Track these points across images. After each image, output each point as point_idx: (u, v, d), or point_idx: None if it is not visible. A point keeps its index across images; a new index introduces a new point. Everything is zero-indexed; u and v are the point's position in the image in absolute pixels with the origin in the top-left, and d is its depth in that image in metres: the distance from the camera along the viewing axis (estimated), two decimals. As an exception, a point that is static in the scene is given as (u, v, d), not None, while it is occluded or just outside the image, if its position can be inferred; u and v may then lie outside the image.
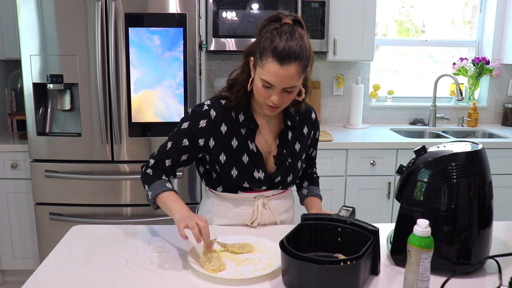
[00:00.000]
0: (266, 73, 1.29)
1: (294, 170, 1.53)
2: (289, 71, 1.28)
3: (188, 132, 1.43)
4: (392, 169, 2.84)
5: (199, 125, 1.43)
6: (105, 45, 2.41)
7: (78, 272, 1.23)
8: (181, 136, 1.44)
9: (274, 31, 1.31)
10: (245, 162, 1.45)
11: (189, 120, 1.45)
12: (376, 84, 3.44)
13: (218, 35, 2.84)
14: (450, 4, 3.61)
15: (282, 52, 1.26)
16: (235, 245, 1.34)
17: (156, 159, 1.46)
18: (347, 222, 1.27)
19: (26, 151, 2.60)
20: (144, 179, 1.46)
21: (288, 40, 1.27)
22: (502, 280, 1.19)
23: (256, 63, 1.34)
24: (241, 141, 1.45)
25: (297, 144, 1.53)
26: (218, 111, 1.44)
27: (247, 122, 1.45)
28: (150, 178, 1.44)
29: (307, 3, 2.85)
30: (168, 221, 2.59)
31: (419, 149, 1.31)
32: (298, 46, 1.28)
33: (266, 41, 1.30)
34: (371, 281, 1.19)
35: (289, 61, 1.27)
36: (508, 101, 3.54)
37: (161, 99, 2.48)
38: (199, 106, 1.46)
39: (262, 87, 1.32)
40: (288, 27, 1.31)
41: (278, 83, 1.30)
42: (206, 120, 1.43)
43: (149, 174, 1.44)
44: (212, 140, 1.44)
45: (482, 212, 1.23)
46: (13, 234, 2.78)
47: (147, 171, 1.45)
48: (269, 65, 1.28)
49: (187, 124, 1.44)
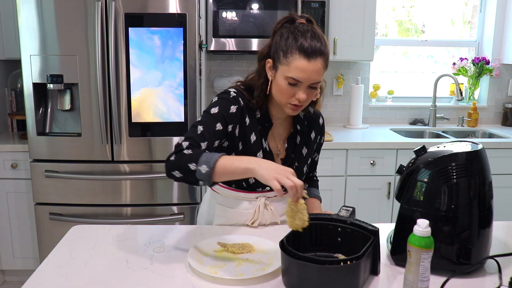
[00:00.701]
0: (294, 69, 1.31)
1: (299, 174, 1.53)
2: (316, 66, 1.31)
3: (221, 117, 1.37)
4: (392, 169, 2.84)
5: (229, 110, 1.39)
6: (105, 45, 2.41)
7: (78, 272, 1.22)
8: (213, 121, 1.36)
9: (295, 30, 1.34)
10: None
11: (218, 105, 1.39)
12: (376, 84, 3.44)
13: (218, 35, 2.84)
14: (450, 4, 3.61)
15: (308, 48, 1.30)
16: (235, 245, 1.34)
17: (190, 141, 1.31)
18: (347, 222, 1.27)
19: (26, 151, 2.60)
20: (183, 160, 1.25)
21: (312, 37, 1.32)
22: (502, 280, 1.19)
23: (278, 62, 1.35)
24: (258, 137, 1.46)
25: (304, 149, 1.54)
26: (244, 101, 1.43)
27: (263, 119, 1.46)
28: (193, 155, 1.25)
29: (307, 3, 2.85)
30: (168, 221, 2.61)
31: (419, 149, 1.31)
32: (322, 42, 1.33)
33: (288, 40, 1.33)
34: (371, 281, 1.19)
35: (315, 56, 1.30)
36: (508, 101, 3.54)
37: (161, 99, 2.48)
38: (226, 93, 1.43)
39: (288, 86, 1.33)
40: (306, 26, 1.35)
41: (306, 79, 1.32)
42: (236, 107, 1.40)
43: (189, 153, 1.26)
44: (238, 128, 1.43)
45: (482, 212, 1.23)
46: (13, 234, 2.78)
47: (185, 152, 1.27)
48: (296, 61, 1.30)
49: (217, 109, 1.38)
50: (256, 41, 2.86)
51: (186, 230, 1.53)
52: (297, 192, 1.15)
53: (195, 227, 1.62)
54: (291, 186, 1.13)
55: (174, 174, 1.28)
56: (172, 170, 1.28)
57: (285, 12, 2.84)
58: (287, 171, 1.17)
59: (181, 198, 2.60)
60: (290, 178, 1.14)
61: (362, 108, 3.33)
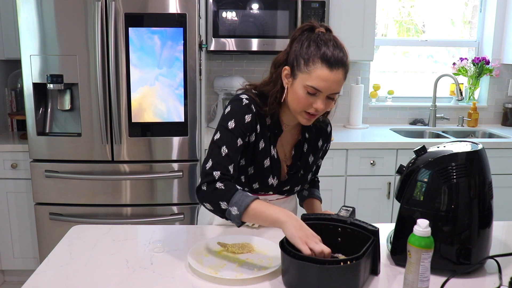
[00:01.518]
0: (315, 78, 1.29)
1: (303, 181, 1.55)
2: (337, 77, 1.29)
3: (239, 131, 1.36)
4: (392, 169, 2.84)
5: (245, 121, 1.37)
6: (105, 45, 2.42)
7: (78, 272, 1.22)
8: (234, 137, 1.35)
9: (317, 38, 1.31)
10: (265, 166, 1.44)
11: (234, 117, 1.37)
12: (376, 84, 3.44)
13: (218, 35, 2.84)
14: (450, 4, 3.61)
15: (331, 57, 1.28)
16: (235, 245, 1.34)
17: (220, 170, 1.30)
18: (347, 222, 1.27)
19: (26, 151, 2.60)
20: (215, 196, 1.27)
21: (335, 47, 1.30)
22: (502, 280, 1.19)
23: (297, 70, 1.32)
24: (267, 144, 1.44)
25: (311, 157, 1.54)
26: (256, 108, 1.41)
27: (273, 126, 1.44)
28: (226, 193, 1.26)
29: (307, 3, 2.85)
30: (168, 221, 2.61)
31: (419, 149, 1.31)
32: (343, 53, 1.31)
33: (310, 48, 1.30)
34: (371, 281, 1.19)
35: (338, 66, 1.29)
36: (508, 101, 3.54)
37: (161, 99, 2.48)
38: (238, 101, 1.39)
39: (306, 95, 1.31)
40: (328, 35, 1.33)
41: (327, 89, 1.30)
42: (251, 115, 1.38)
43: (222, 189, 1.27)
44: (254, 135, 1.41)
45: (482, 212, 1.23)
46: (13, 234, 2.78)
47: (217, 186, 1.27)
48: (318, 70, 1.28)
49: (233, 123, 1.36)
50: (256, 41, 2.86)
51: (186, 230, 1.53)
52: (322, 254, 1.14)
53: (195, 227, 1.63)
54: (319, 252, 1.13)
55: (206, 206, 1.31)
56: (204, 202, 1.31)
57: (285, 12, 2.84)
58: (316, 237, 1.17)
59: (181, 198, 2.60)
60: (319, 245, 1.14)
61: (362, 108, 3.33)
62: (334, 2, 2.92)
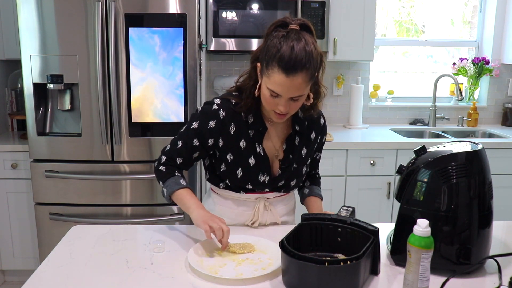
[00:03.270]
0: (272, 83, 1.27)
1: (298, 175, 1.54)
2: (296, 82, 1.25)
3: (198, 132, 1.44)
4: (392, 169, 2.84)
5: (208, 126, 1.42)
6: (105, 45, 2.41)
7: (78, 272, 1.23)
8: (191, 136, 1.45)
9: (281, 38, 1.26)
10: (251, 165, 1.45)
11: (198, 120, 1.44)
12: (376, 84, 3.44)
13: (218, 35, 2.84)
14: (450, 4, 3.61)
15: (288, 62, 1.23)
16: (236, 245, 1.34)
17: (167, 156, 1.50)
18: (347, 222, 1.27)
19: (26, 151, 2.60)
20: (157, 175, 1.51)
21: (294, 49, 1.23)
22: (502, 280, 1.19)
23: (262, 71, 1.32)
24: (249, 143, 1.44)
25: (304, 150, 1.52)
26: (228, 111, 1.42)
27: (255, 124, 1.44)
28: (164, 175, 1.48)
29: (307, 3, 2.85)
30: (168, 221, 2.61)
31: (419, 149, 1.31)
32: (305, 55, 1.24)
33: (272, 49, 1.26)
34: (371, 281, 1.19)
35: (295, 71, 1.24)
36: (508, 101, 3.54)
37: (161, 99, 2.48)
38: (209, 105, 1.45)
39: (270, 96, 1.31)
40: (294, 34, 1.26)
41: (285, 93, 1.28)
42: (215, 121, 1.42)
43: (162, 171, 1.49)
44: (221, 140, 1.44)
45: (482, 212, 1.23)
46: (13, 234, 2.78)
47: (160, 168, 1.50)
48: (275, 75, 1.26)
49: (196, 124, 1.44)
50: (256, 41, 2.86)
51: (186, 230, 1.53)
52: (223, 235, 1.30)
53: (195, 227, 1.62)
54: (217, 229, 1.30)
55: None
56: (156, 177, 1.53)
57: (285, 12, 2.84)
58: (218, 220, 1.33)
59: (181, 198, 2.59)
60: (221, 226, 1.30)
61: (362, 108, 3.33)
62: (334, 2, 2.92)
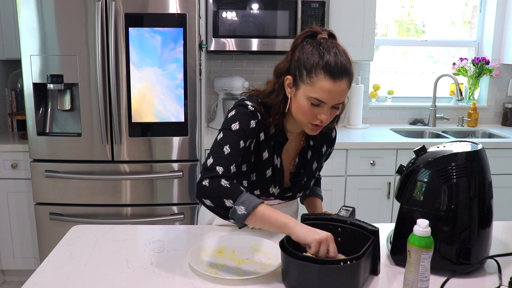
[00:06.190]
0: (318, 90, 1.23)
1: (306, 188, 1.54)
2: (341, 87, 1.24)
3: (242, 133, 1.32)
4: (392, 169, 2.84)
5: (250, 125, 1.33)
6: (105, 45, 2.41)
7: (78, 272, 1.23)
8: (236, 138, 1.31)
9: (319, 46, 1.25)
10: (267, 176, 1.42)
11: (238, 120, 1.32)
12: (376, 84, 3.44)
13: (218, 35, 2.84)
14: (450, 4, 3.61)
15: (335, 67, 1.22)
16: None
17: (224, 167, 1.25)
18: (347, 222, 1.27)
19: (26, 151, 2.60)
20: (219, 193, 1.21)
21: (338, 55, 1.24)
22: (502, 280, 1.20)
23: (300, 81, 1.27)
24: (270, 154, 1.41)
25: (314, 164, 1.51)
26: (260, 116, 1.36)
27: (277, 135, 1.40)
28: (232, 191, 1.21)
29: (307, 3, 2.85)
30: (168, 221, 2.61)
31: (419, 149, 1.31)
32: (347, 61, 1.25)
33: (312, 57, 1.24)
34: (371, 281, 1.19)
35: (341, 76, 1.23)
36: (508, 101, 3.54)
37: (161, 99, 2.48)
38: (244, 107, 1.35)
39: (310, 106, 1.26)
40: (330, 42, 1.26)
41: (331, 100, 1.25)
42: (256, 121, 1.34)
43: (227, 187, 1.21)
44: (255, 142, 1.37)
45: (482, 212, 1.23)
46: (13, 234, 2.78)
47: (222, 183, 1.22)
48: (321, 82, 1.23)
49: (238, 125, 1.31)
50: (256, 41, 2.86)
51: (186, 230, 1.53)
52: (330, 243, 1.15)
53: (195, 227, 1.62)
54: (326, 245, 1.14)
55: (205, 202, 1.24)
56: (204, 198, 1.23)
57: (285, 12, 2.84)
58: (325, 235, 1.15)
59: (181, 198, 2.60)
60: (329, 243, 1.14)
61: (362, 108, 3.33)
62: (334, 2, 2.92)
